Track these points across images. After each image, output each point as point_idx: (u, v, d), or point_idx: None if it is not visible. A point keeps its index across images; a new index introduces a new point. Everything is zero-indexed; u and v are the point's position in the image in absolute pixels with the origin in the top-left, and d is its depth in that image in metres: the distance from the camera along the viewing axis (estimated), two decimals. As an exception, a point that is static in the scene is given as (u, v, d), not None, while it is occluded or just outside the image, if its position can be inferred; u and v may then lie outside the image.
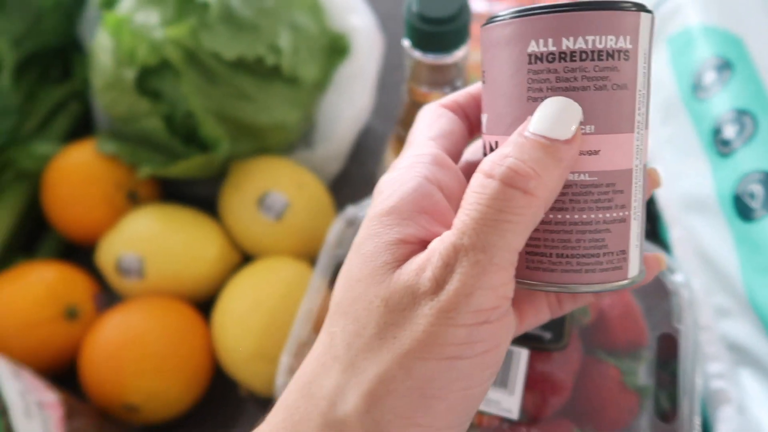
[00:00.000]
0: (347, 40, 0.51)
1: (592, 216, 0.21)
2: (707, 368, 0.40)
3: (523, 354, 0.33)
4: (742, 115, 0.39)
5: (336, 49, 0.51)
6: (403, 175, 0.22)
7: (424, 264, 0.20)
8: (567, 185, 0.21)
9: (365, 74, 0.52)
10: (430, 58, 0.35)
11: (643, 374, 0.35)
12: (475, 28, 0.60)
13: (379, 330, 0.20)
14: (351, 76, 0.51)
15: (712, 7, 0.44)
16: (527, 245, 0.22)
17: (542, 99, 0.20)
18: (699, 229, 0.41)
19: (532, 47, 0.20)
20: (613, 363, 0.35)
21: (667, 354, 0.35)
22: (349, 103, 0.51)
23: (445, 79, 0.37)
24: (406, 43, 0.35)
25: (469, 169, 0.24)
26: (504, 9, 0.21)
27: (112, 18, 0.44)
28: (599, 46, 0.20)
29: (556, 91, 0.20)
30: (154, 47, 0.44)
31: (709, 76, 0.42)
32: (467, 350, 0.19)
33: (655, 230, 0.48)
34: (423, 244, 0.21)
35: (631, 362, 0.35)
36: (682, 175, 0.43)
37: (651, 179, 0.24)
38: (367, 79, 0.52)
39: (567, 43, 0.20)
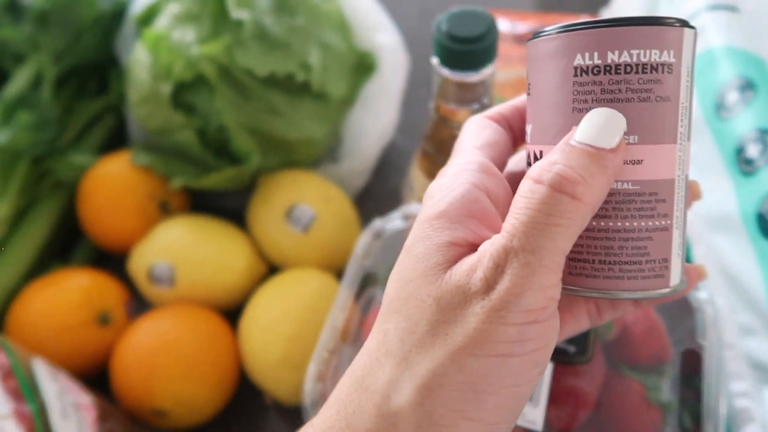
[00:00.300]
0: (374, 57, 0.53)
1: (635, 224, 0.22)
2: (731, 387, 0.40)
3: (548, 366, 0.33)
4: (765, 134, 0.40)
5: (363, 66, 0.53)
6: (451, 181, 0.23)
7: (475, 265, 0.21)
8: (611, 193, 0.22)
9: (391, 91, 0.53)
10: (458, 76, 0.36)
11: (666, 390, 0.35)
12: (500, 47, 0.61)
13: (432, 327, 0.21)
14: (377, 93, 0.53)
15: (734, 28, 0.45)
16: (571, 252, 0.23)
17: (587, 110, 0.21)
18: (722, 247, 0.41)
19: (578, 60, 0.21)
20: (637, 378, 0.35)
21: (691, 370, 0.35)
22: (374, 119, 0.53)
23: (472, 97, 0.38)
24: (435, 60, 0.36)
25: (512, 178, 0.26)
26: (550, 25, 0.22)
27: (151, 35, 0.46)
28: (643, 60, 0.21)
29: (600, 102, 0.21)
30: (189, 63, 0.45)
31: (732, 96, 0.42)
32: (518, 348, 0.20)
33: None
34: (472, 247, 0.22)
35: (655, 378, 0.35)
36: (706, 193, 0.43)
37: (692, 191, 0.24)
38: (393, 95, 0.53)
39: (612, 57, 0.21)
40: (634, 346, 0.36)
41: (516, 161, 0.27)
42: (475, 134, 0.25)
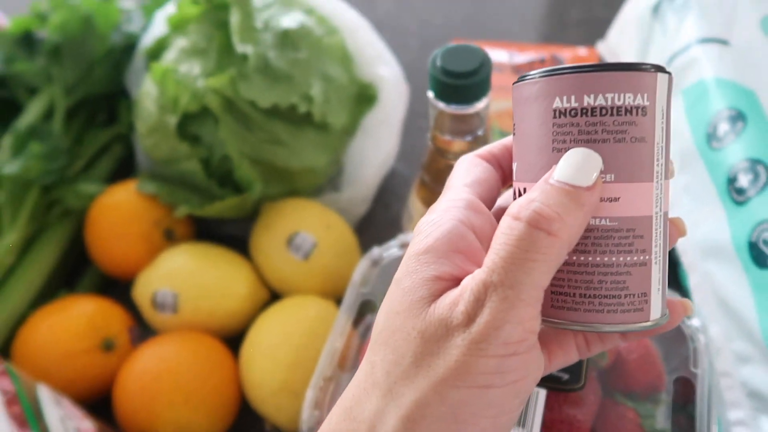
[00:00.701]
0: (375, 88, 0.54)
1: (614, 259, 0.23)
2: (728, 415, 0.40)
3: (541, 394, 0.33)
4: (755, 164, 0.40)
5: (364, 97, 0.54)
6: (440, 217, 0.24)
7: (457, 299, 0.22)
8: (589, 229, 0.23)
9: (391, 121, 0.54)
10: (453, 109, 0.37)
11: (661, 417, 0.35)
12: (496, 79, 0.63)
13: (416, 359, 0.22)
14: (378, 123, 0.54)
15: (725, 61, 0.46)
16: (552, 285, 0.23)
17: (566, 150, 0.22)
18: (717, 276, 0.42)
19: (557, 103, 0.23)
20: (631, 406, 0.35)
21: (685, 398, 0.35)
22: (375, 148, 0.54)
23: (467, 128, 0.39)
24: (431, 94, 0.38)
25: (502, 215, 0.26)
26: (534, 70, 0.24)
27: (159, 68, 0.48)
28: (618, 103, 0.22)
29: (578, 143, 0.22)
30: (195, 95, 0.47)
31: (723, 127, 0.43)
32: (498, 379, 0.21)
33: (674, 276, 0.48)
34: (457, 281, 0.23)
35: (649, 405, 0.35)
36: (700, 222, 0.44)
37: (676, 228, 0.25)
38: (393, 125, 0.55)
39: (588, 100, 0.22)
40: (629, 374, 0.37)
41: (505, 198, 0.28)
42: (465, 172, 0.26)
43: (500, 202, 0.28)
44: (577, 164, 0.22)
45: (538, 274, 0.21)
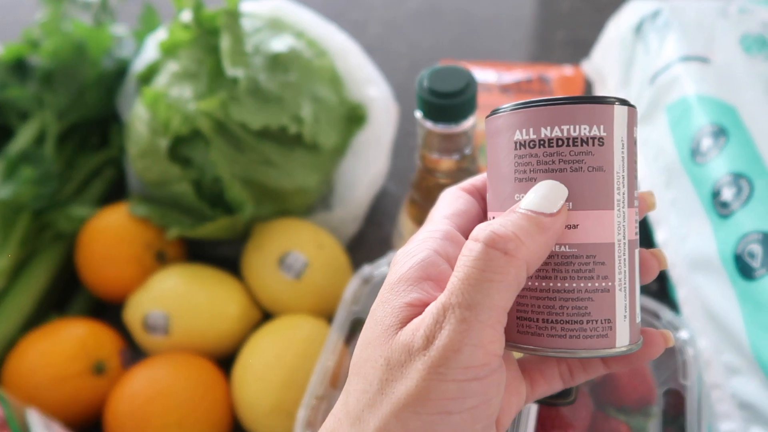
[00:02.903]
0: (364, 109, 0.55)
1: (574, 285, 0.23)
2: (719, 427, 0.40)
3: (532, 408, 0.34)
4: (738, 178, 0.41)
5: (354, 117, 0.55)
6: (416, 247, 0.24)
7: (420, 323, 0.22)
8: (550, 255, 0.23)
9: (381, 141, 0.55)
10: (441, 128, 0.38)
11: (652, 430, 0.35)
12: (484, 98, 0.64)
13: (381, 386, 0.22)
14: (368, 143, 0.55)
15: (706, 78, 0.47)
16: (517, 310, 0.24)
17: (527, 179, 0.23)
18: (704, 288, 0.42)
19: (517, 135, 0.24)
20: (623, 419, 0.35)
21: (676, 410, 0.35)
22: (365, 167, 0.54)
23: (454, 147, 0.39)
24: (419, 114, 0.38)
25: None
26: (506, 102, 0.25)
27: (150, 92, 0.48)
28: (573, 134, 0.23)
29: (537, 172, 0.23)
30: (186, 118, 0.47)
31: (706, 142, 0.44)
32: (458, 405, 0.21)
33: (663, 289, 0.49)
34: (426, 308, 0.23)
35: (641, 418, 0.36)
36: (687, 236, 0.45)
37: (657, 259, 0.25)
38: (383, 145, 0.55)
39: (545, 132, 0.23)
40: (620, 388, 0.37)
41: None
42: (447, 204, 0.27)
43: None
44: (543, 194, 0.23)
45: (496, 295, 0.21)
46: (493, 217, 0.25)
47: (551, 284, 0.23)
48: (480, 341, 0.21)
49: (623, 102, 0.23)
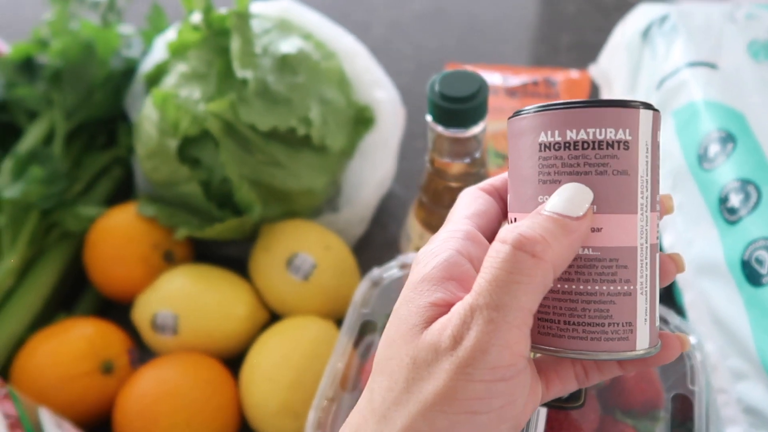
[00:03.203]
0: (372, 111, 0.55)
1: (597, 288, 0.23)
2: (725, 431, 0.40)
3: (541, 412, 0.34)
4: (746, 184, 0.41)
5: (362, 119, 0.55)
6: (438, 247, 0.24)
7: (446, 323, 0.22)
8: (574, 258, 0.23)
9: (388, 143, 0.55)
10: (451, 132, 0.38)
11: (660, 435, 0.35)
12: (490, 101, 0.64)
13: (408, 385, 0.22)
14: (375, 145, 0.55)
15: (714, 84, 0.47)
16: (539, 312, 0.24)
17: (551, 182, 0.23)
18: (711, 294, 0.43)
19: (542, 137, 0.24)
20: (630, 423, 0.36)
21: (683, 415, 0.35)
22: (373, 169, 0.55)
23: (464, 151, 0.40)
24: (429, 118, 0.39)
25: None
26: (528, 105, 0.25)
27: (159, 93, 0.49)
28: (599, 137, 0.23)
29: (562, 174, 0.23)
30: (196, 119, 0.48)
31: (714, 148, 0.44)
32: (485, 405, 0.21)
33: (670, 294, 0.49)
34: (450, 308, 0.23)
35: (648, 422, 0.36)
36: (693, 241, 0.45)
37: (675, 263, 0.25)
38: (390, 147, 0.55)
39: (571, 135, 0.23)
40: (628, 392, 0.37)
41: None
42: (467, 205, 0.27)
43: None
44: (568, 197, 0.23)
45: (524, 297, 0.21)
46: (515, 219, 0.25)
47: (573, 286, 0.23)
48: (507, 342, 0.21)
49: (648, 106, 0.23)
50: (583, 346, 0.23)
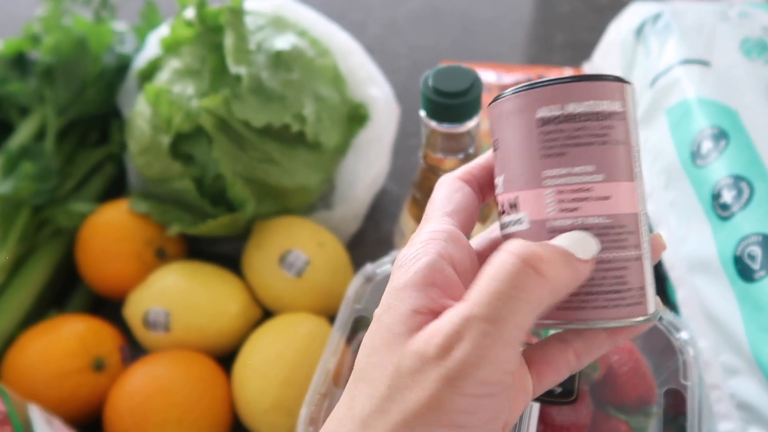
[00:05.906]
0: (366, 108, 0.55)
1: (612, 255, 0.24)
2: (718, 427, 0.40)
3: (534, 407, 0.34)
4: (738, 180, 0.42)
5: (356, 117, 0.55)
6: (419, 250, 0.24)
7: (435, 332, 0.21)
8: (588, 227, 0.23)
9: (382, 140, 0.55)
10: (445, 128, 0.38)
11: (652, 430, 0.36)
12: (484, 98, 0.64)
13: (390, 393, 0.21)
14: (369, 142, 0.55)
15: (707, 81, 0.47)
16: None
17: (555, 155, 0.24)
18: (704, 290, 0.43)
19: (543, 112, 0.24)
20: (623, 418, 0.36)
21: (675, 410, 0.36)
22: (366, 166, 0.55)
23: (458, 147, 0.39)
24: (423, 113, 0.38)
25: (483, 250, 0.27)
26: (508, 88, 0.25)
27: (152, 89, 0.48)
28: (597, 109, 0.24)
29: (566, 147, 0.24)
30: (189, 115, 0.47)
31: (706, 145, 0.44)
32: (469, 420, 0.21)
33: (662, 291, 0.49)
34: (434, 314, 0.22)
35: (641, 418, 0.36)
36: (686, 237, 0.45)
37: (657, 243, 0.26)
38: (384, 144, 0.55)
39: (572, 107, 0.24)
40: (620, 387, 0.37)
41: (483, 239, 0.28)
42: (447, 199, 0.26)
43: (480, 242, 0.28)
44: (578, 240, 0.23)
45: (522, 314, 0.21)
46: (515, 197, 0.25)
47: None
48: (499, 360, 0.21)
49: (627, 81, 0.25)
50: (606, 315, 0.23)
